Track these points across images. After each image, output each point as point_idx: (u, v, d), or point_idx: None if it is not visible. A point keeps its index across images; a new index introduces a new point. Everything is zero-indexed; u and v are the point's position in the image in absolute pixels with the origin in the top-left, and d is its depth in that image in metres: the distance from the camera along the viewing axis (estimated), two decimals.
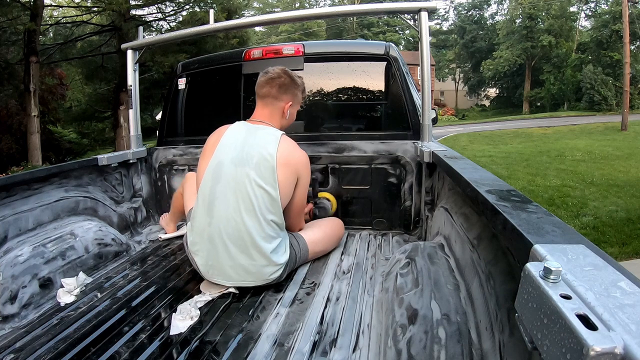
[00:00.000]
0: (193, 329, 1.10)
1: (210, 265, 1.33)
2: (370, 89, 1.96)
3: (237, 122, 1.46)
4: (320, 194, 1.93)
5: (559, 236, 0.56)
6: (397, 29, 33.36)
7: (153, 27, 12.07)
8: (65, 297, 1.33)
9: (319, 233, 1.58)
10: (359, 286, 1.33)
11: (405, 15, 1.83)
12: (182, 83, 2.21)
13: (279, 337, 1.05)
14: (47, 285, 1.34)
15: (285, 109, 1.47)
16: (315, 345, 1.01)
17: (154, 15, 12.21)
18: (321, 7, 29.59)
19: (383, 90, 1.95)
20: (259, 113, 1.47)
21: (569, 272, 0.45)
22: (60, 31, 12.67)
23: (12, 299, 1.23)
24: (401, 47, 31.71)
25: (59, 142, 13.78)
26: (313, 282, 1.39)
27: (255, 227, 1.29)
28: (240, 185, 1.30)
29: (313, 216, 1.86)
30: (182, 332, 1.09)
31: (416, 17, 1.73)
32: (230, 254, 1.29)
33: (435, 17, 34.16)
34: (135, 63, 2.10)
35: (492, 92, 34.34)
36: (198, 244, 1.35)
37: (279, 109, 1.47)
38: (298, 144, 2.02)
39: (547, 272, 0.44)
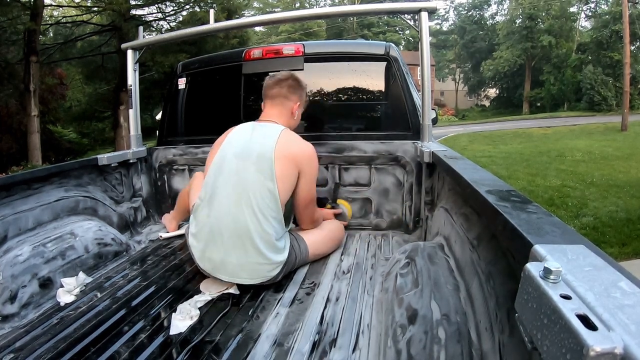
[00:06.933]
0: (193, 329, 1.10)
1: (207, 259, 1.34)
2: (371, 89, 1.96)
3: (246, 122, 1.50)
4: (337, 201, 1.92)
5: (558, 236, 0.56)
6: (397, 29, 33.36)
7: (153, 27, 12.06)
8: (65, 296, 1.33)
9: (320, 235, 1.58)
10: (359, 286, 1.33)
11: (406, 15, 1.83)
12: (182, 83, 2.21)
13: (278, 337, 1.05)
14: (47, 284, 1.34)
15: (294, 109, 1.52)
16: (315, 345, 1.01)
17: (154, 15, 12.21)
18: (321, 7, 29.60)
19: (383, 90, 1.95)
20: (267, 112, 1.51)
21: (569, 272, 0.45)
22: (61, 31, 12.67)
23: (12, 298, 1.23)
24: (401, 47, 31.71)
25: (59, 141, 13.76)
26: (313, 282, 1.39)
27: (253, 222, 1.29)
28: (241, 179, 1.32)
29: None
30: (182, 332, 1.09)
31: (416, 17, 1.73)
32: (225, 248, 1.30)
33: (435, 17, 34.18)
34: (135, 63, 2.10)
35: (492, 92, 34.35)
36: (197, 235, 1.37)
37: (288, 109, 1.51)
38: None
39: (547, 272, 0.44)
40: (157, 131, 2.41)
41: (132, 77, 2.10)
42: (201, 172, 1.80)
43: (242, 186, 1.31)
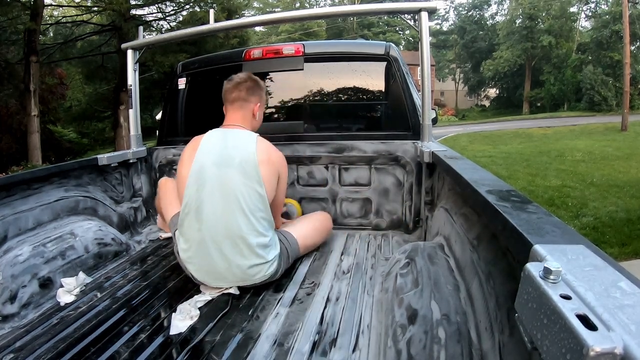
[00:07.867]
0: (193, 329, 1.10)
1: (206, 272, 1.32)
2: (371, 89, 1.96)
3: (211, 130, 1.47)
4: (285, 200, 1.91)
5: (558, 236, 0.56)
6: (397, 29, 33.37)
7: (153, 27, 12.06)
8: (65, 296, 1.33)
9: (307, 227, 1.61)
10: (359, 286, 1.33)
11: (406, 15, 1.83)
12: (182, 83, 2.21)
13: (278, 337, 1.05)
14: (47, 284, 1.34)
15: (255, 110, 1.52)
16: (315, 345, 1.01)
17: (154, 15, 12.20)
18: (321, 7, 29.59)
19: (383, 90, 1.95)
20: (231, 117, 1.50)
21: (568, 272, 0.45)
22: (61, 31, 12.68)
23: (12, 298, 1.23)
24: (401, 47, 31.70)
25: (59, 141, 13.76)
26: (313, 282, 1.39)
27: (246, 225, 1.29)
28: (227, 186, 1.30)
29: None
30: (182, 332, 1.09)
31: (416, 17, 1.73)
32: (224, 256, 1.29)
33: (436, 17, 34.17)
34: (135, 63, 2.10)
35: (492, 92, 34.36)
36: (189, 251, 1.33)
37: (249, 111, 1.51)
38: (298, 144, 2.02)
39: (547, 272, 0.44)
40: (157, 131, 2.40)
41: (132, 77, 2.10)
42: (167, 179, 1.80)
43: (230, 193, 1.30)
